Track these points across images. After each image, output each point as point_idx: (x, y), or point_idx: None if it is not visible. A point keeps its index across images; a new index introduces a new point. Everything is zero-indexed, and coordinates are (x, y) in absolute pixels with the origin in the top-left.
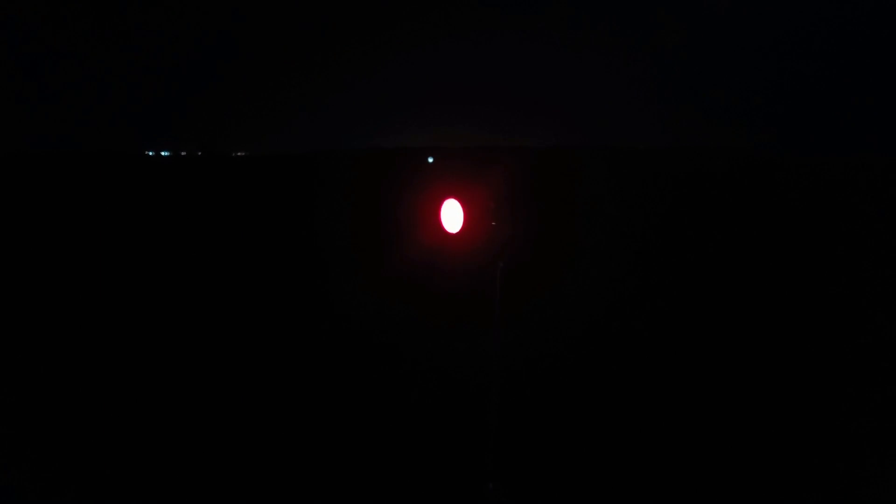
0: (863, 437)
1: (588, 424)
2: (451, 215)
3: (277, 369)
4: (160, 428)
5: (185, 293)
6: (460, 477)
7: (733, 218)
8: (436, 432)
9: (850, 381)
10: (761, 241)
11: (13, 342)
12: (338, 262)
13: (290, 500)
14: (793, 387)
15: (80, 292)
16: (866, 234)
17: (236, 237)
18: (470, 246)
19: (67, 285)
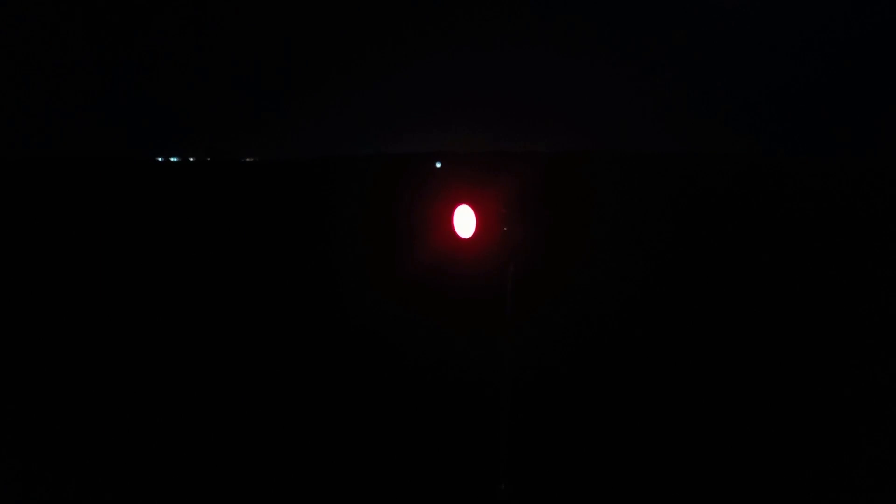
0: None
1: (599, 427)
2: (464, 221)
3: (291, 374)
4: (177, 431)
5: (196, 299)
6: (472, 477)
7: (746, 222)
8: (447, 433)
9: (866, 389)
10: (775, 246)
11: (23, 350)
12: (350, 267)
13: (302, 499)
14: (809, 391)
15: (90, 299)
16: (882, 238)
17: (247, 243)
18: (482, 251)
19: (76, 292)
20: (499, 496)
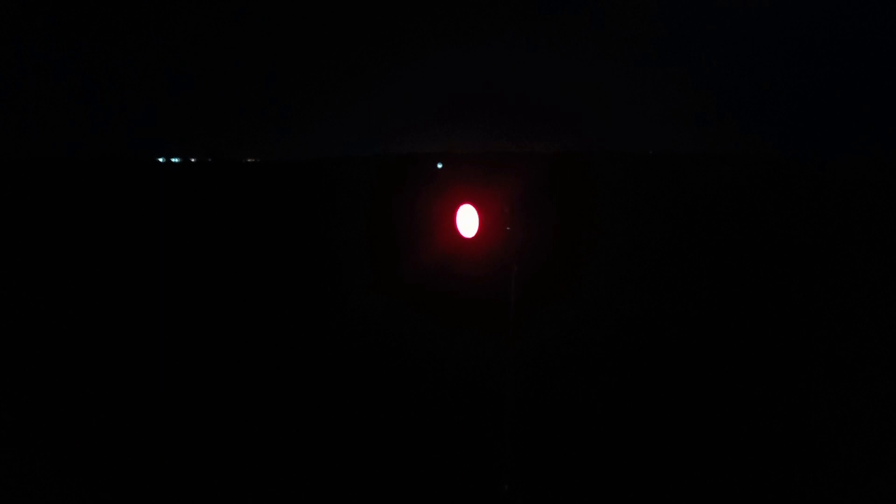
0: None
1: (602, 427)
2: (467, 220)
3: (294, 373)
4: (186, 431)
5: (198, 300)
6: (475, 478)
7: (748, 222)
8: (451, 434)
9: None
10: (777, 246)
11: (26, 348)
12: (353, 268)
13: (306, 499)
14: (812, 394)
15: (93, 299)
16: (884, 238)
17: (249, 243)
18: (485, 250)
19: (79, 292)
20: (502, 497)
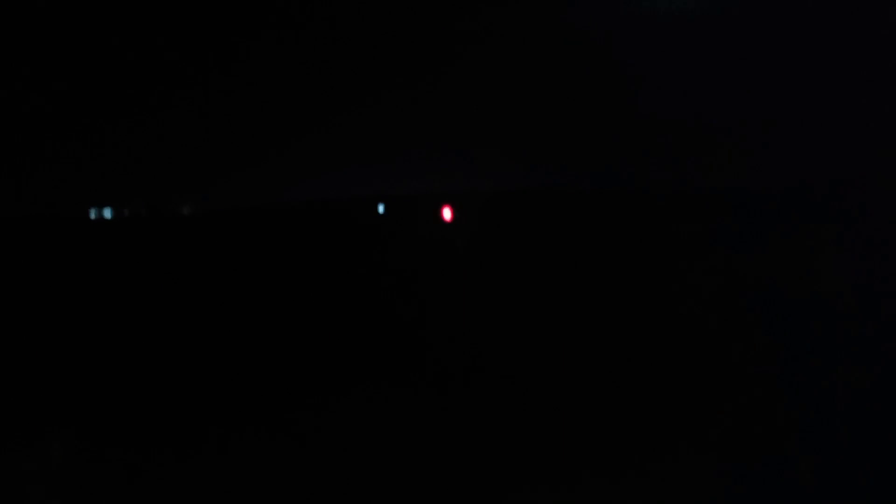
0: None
1: (591, 426)
2: (447, 212)
3: (277, 373)
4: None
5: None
6: (466, 479)
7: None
8: (439, 432)
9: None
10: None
11: None
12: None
13: (296, 499)
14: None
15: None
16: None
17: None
18: (452, 220)
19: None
20: (485, 494)
